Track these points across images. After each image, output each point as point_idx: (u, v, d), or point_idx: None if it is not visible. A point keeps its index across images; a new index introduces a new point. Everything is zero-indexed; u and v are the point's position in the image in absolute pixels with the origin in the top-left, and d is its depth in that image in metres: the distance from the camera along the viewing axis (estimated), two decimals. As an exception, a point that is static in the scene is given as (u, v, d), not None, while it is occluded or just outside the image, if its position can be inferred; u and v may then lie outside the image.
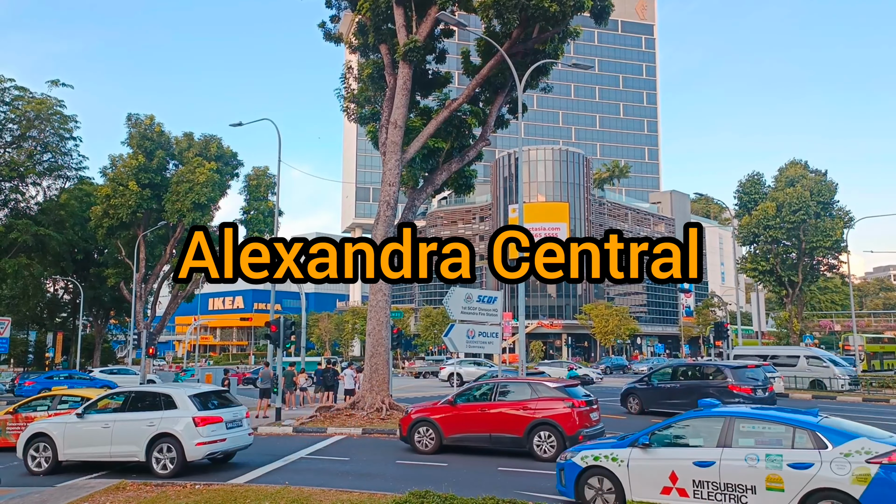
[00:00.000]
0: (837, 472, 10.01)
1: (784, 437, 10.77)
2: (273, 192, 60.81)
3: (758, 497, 10.49)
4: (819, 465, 10.16)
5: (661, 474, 11.46)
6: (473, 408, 19.24)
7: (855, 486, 9.80)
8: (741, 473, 10.70)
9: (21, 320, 67.38)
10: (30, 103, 53.85)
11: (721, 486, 10.84)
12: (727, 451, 11.01)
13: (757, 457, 10.68)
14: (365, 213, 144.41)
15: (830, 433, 10.52)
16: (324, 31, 32.02)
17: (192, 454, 16.22)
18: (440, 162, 31.05)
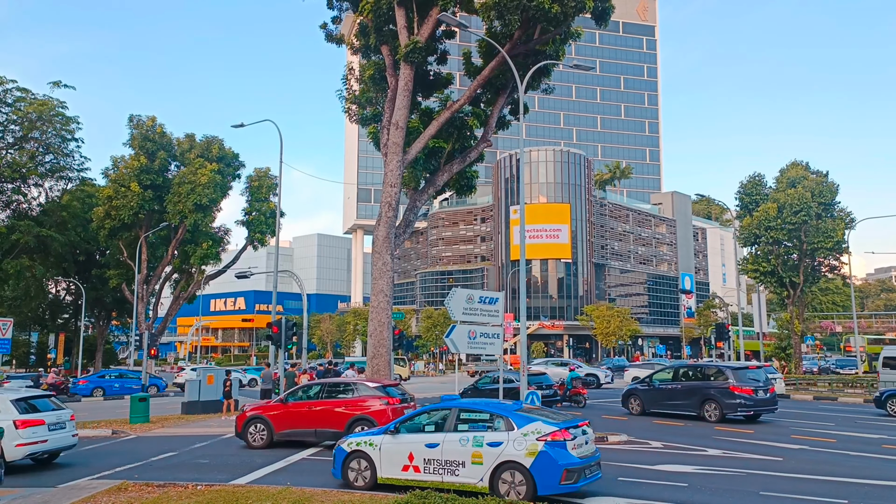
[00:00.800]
0: (517, 448, 12.86)
1: (488, 422, 13.66)
2: (275, 193, 60.95)
3: (466, 469, 13.25)
4: (507, 443, 12.98)
5: (402, 455, 14.06)
6: (302, 406, 20.75)
7: (527, 458, 12.69)
8: (457, 452, 13.41)
9: (23, 321, 67.46)
10: (32, 105, 53.85)
11: (443, 462, 13.52)
12: (449, 434, 13.75)
13: (468, 439, 13.43)
14: (367, 215, 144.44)
15: (518, 418, 13.32)
16: (325, 33, 32.06)
17: (11, 455, 17.18)
18: (442, 163, 31.07)
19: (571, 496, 13.30)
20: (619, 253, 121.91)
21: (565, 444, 12.77)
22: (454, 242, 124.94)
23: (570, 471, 12.56)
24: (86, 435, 25.18)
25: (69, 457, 20.28)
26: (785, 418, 27.41)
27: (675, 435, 22.45)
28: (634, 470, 16.27)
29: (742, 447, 19.73)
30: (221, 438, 23.67)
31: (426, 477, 13.61)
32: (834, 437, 22.02)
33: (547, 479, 12.52)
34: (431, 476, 13.57)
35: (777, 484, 14.61)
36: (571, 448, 12.84)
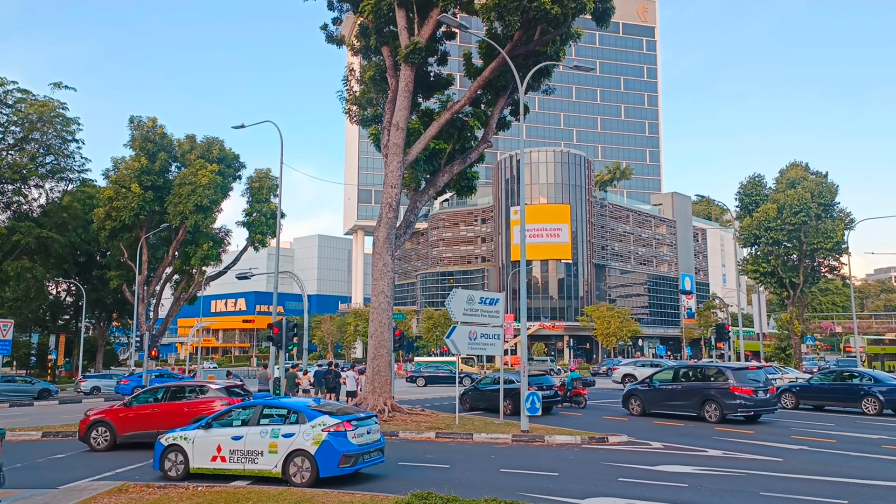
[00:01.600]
0: (305, 438, 14.91)
1: (285, 417, 15.60)
2: (275, 194, 60.96)
3: (264, 457, 15.14)
4: (298, 434, 14.98)
5: (211, 447, 15.62)
6: (147, 408, 21.21)
7: (313, 447, 14.77)
8: (257, 443, 15.27)
9: (23, 323, 67.40)
10: (32, 106, 53.86)
11: (246, 452, 15.32)
12: (252, 428, 15.55)
13: (267, 431, 15.31)
14: (367, 216, 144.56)
15: (309, 413, 15.35)
16: (326, 34, 32.13)
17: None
18: (442, 164, 31.09)
19: (363, 480, 15.31)
20: (620, 254, 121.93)
21: (346, 434, 15.01)
22: (455, 243, 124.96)
23: (347, 456, 14.83)
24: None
25: (69, 457, 20.29)
26: (785, 419, 27.43)
27: (675, 435, 22.46)
28: (634, 470, 16.28)
29: (742, 448, 19.74)
30: (222, 439, 23.65)
31: (231, 466, 15.47)
32: (834, 437, 22.03)
33: (328, 464, 14.76)
34: (235, 465, 15.43)
35: (777, 484, 14.62)
36: (352, 437, 15.11)
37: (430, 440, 22.51)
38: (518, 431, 22.32)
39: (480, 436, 22.20)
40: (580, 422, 26.62)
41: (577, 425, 24.86)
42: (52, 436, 25.25)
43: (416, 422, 25.47)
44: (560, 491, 13.88)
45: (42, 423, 28.72)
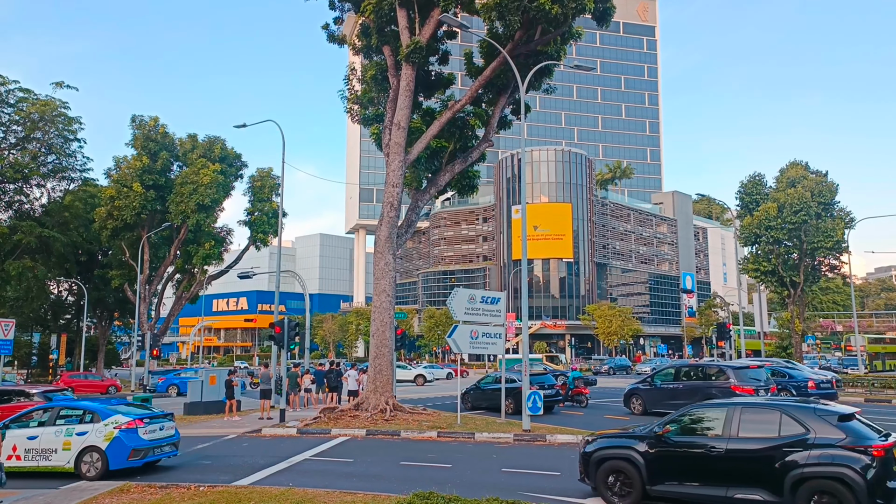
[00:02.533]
0: (98, 435, 16.60)
1: (81, 417, 17.09)
2: (277, 193, 60.94)
3: (58, 454, 16.69)
4: (91, 432, 16.59)
5: (7, 447, 16.84)
6: None
7: (104, 443, 16.48)
8: (52, 441, 16.80)
9: (25, 322, 67.33)
10: (34, 105, 53.86)
11: (40, 450, 16.82)
12: (48, 428, 17.08)
13: (62, 430, 16.85)
14: (369, 215, 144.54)
15: (103, 412, 16.96)
16: (327, 33, 32.16)
17: None
18: (443, 163, 31.10)
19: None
20: (621, 252, 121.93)
21: (136, 430, 16.74)
22: (456, 242, 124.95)
23: (137, 450, 16.66)
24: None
25: None
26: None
27: (676, 435, 22.43)
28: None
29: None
30: (224, 439, 23.73)
31: (26, 463, 16.95)
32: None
33: (117, 458, 16.50)
34: (30, 462, 16.93)
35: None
36: (143, 434, 16.82)
37: (431, 440, 22.53)
38: (520, 431, 22.34)
39: (482, 435, 22.22)
40: (582, 421, 26.64)
41: (579, 424, 24.88)
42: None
43: (417, 421, 25.49)
44: (562, 490, 13.90)
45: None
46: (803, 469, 10.90)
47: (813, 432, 11.12)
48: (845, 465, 10.58)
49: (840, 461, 10.67)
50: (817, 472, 10.78)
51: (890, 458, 10.69)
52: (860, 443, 10.76)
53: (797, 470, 10.95)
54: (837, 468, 10.63)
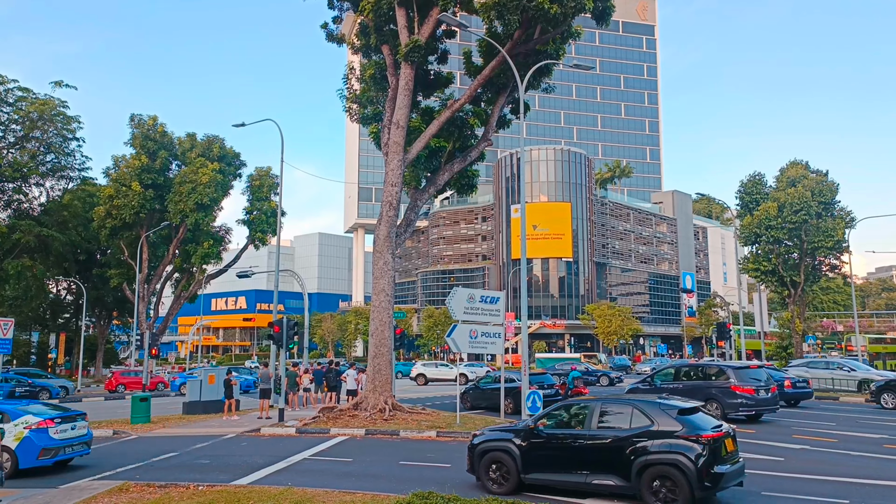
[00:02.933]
0: (9, 435, 16.53)
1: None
2: (276, 192, 60.92)
3: None
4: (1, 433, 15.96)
5: None
6: None
7: (14, 442, 16.66)
8: None
9: (24, 321, 67.38)
10: (33, 104, 53.91)
11: None
12: None
13: None
14: (368, 214, 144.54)
15: (14, 413, 17.22)
16: (326, 33, 32.12)
17: None
18: (442, 162, 31.06)
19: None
20: (620, 252, 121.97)
21: (47, 430, 17.09)
22: (455, 241, 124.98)
23: (47, 449, 16.98)
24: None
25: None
26: (786, 418, 27.38)
27: (676, 435, 22.40)
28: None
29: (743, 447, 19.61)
30: (223, 439, 23.69)
31: None
32: (835, 436, 21.98)
33: (27, 457, 16.83)
34: None
35: (779, 484, 14.62)
36: (53, 433, 17.18)
37: (430, 439, 22.50)
38: (519, 430, 22.26)
39: (481, 435, 22.18)
40: (581, 420, 26.54)
41: (578, 424, 24.79)
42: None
43: (416, 421, 25.45)
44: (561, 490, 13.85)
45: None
46: (647, 456, 12.33)
47: (656, 424, 12.57)
48: (680, 453, 12.05)
49: (676, 449, 12.14)
50: (657, 458, 12.21)
51: (718, 446, 12.25)
52: (693, 433, 12.24)
53: (642, 457, 12.37)
54: (673, 455, 12.09)
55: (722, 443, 12.40)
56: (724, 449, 12.49)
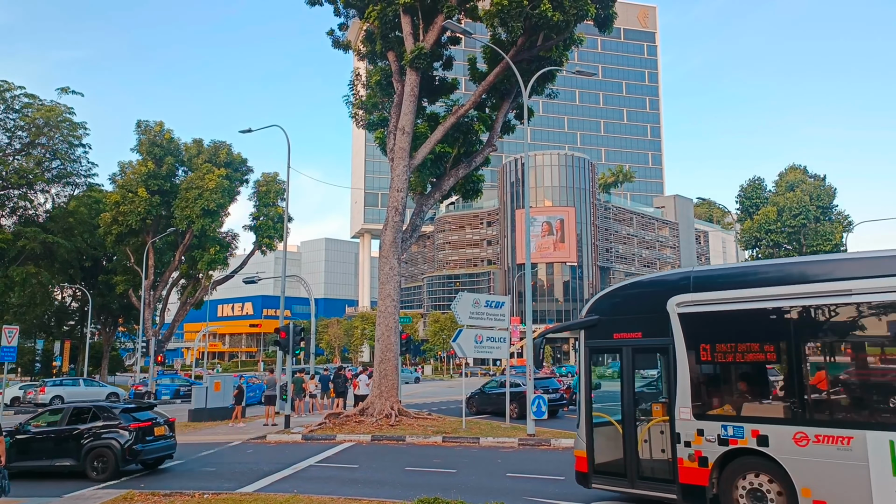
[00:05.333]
0: None
1: None
2: (282, 198, 60.88)
3: None
4: None
5: None
6: None
7: None
8: None
9: (28, 328, 67.33)
10: (39, 111, 54.06)
11: None
12: None
13: None
14: (374, 219, 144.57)
15: None
16: (332, 39, 32.28)
17: None
18: (448, 167, 31.14)
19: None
20: (624, 256, 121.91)
21: None
22: (460, 246, 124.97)
23: None
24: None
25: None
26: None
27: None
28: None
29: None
30: (228, 446, 23.73)
31: None
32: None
33: None
34: None
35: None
36: None
37: (436, 444, 22.53)
38: (524, 435, 22.32)
39: (487, 440, 22.22)
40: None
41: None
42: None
43: (422, 426, 25.48)
44: (566, 495, 13.88)
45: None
46: (93, 442, 17.93)
47: (102, 420, 18.15)
48: (113, 439, 17.82)
49: (112, 436, 17.88)
50: (98, 444, 17.88)
51: (140, 433, 18.06)
52: (127, 423, 18.04)
53: (88, 442, 17.96)
54: (108, 440, 17.87)
55: (151, 430, 18.39)
56: (153, 433, 18.51)
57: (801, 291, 10.71)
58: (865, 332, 10.50)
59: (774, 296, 10.96)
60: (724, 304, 11.48)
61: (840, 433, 10.00)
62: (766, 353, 11.32)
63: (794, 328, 10.83)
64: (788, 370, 10.93)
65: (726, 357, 11.56)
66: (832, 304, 10.45)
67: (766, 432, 10.74)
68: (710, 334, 11.64)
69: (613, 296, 13.59)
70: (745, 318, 11.29)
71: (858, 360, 10.69)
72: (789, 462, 10.42)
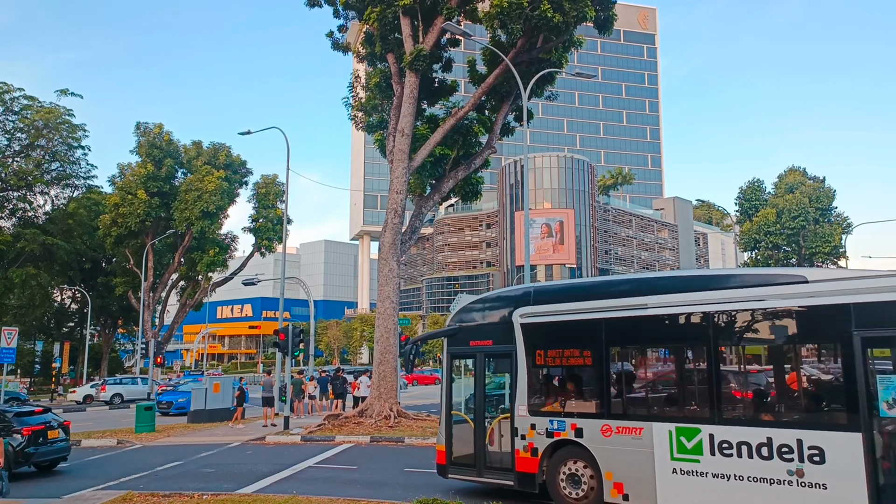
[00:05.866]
0: None
1: None
2: (282, 200, 60.83)
3: None
4: None
5: None
6: None
7: None
8: None
9: (28, 330, 67.35)
10: (38, 112, 54.05)
11: None
12: None
13: None
14: (373, 221, 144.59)
15: None
16: (332, 41, 32.27)
17: None
18: (447, 169, 31.12)
19: None
20: (623, 258, 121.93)
21: None
22: (460, 248, 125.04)
23: None
24: (91, 445, 25.30)
25: (74, 467, 20.37)
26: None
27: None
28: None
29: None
30: (227, 447, 23.73)
31: None
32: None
33: None
34: None
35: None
36: None
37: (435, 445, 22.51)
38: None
39: (486, 442, 22.21)
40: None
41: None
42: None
43: (421, 427, 25.48)
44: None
45: None
46: None
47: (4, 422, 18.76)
48: (9, 442, 17.28)
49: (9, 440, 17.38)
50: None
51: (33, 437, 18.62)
52: (20, 427, 18.62)
53: None
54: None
55: (45, 433, 18.90)
56: (47, 437, 19.14)
57: (610, 305, 12.58)
58: (658, 339, 12.59)
59: (590, 308, 12.83)
60: (554, 316, 13.28)
61: (634, 425, 11.85)
62: (584, 358, 13.09)
63: (604, 336, 12.58)
64: (598, 372, 12.68)
65: (554, 361, 13.46)
66: (632, 316, 12.21)
67: (581, 425, 12.53)
68: (543, 341, 13.41)
69: (471, 308, 15.24)
70: (568, 328, 13.13)
71: (647, 364, 12.95)
72: (597, 450, 12.22)
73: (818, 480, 9.94)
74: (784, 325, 11.10)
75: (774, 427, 10.54)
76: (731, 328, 11.44)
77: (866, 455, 9.59)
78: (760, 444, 10.49)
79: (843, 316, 10.08)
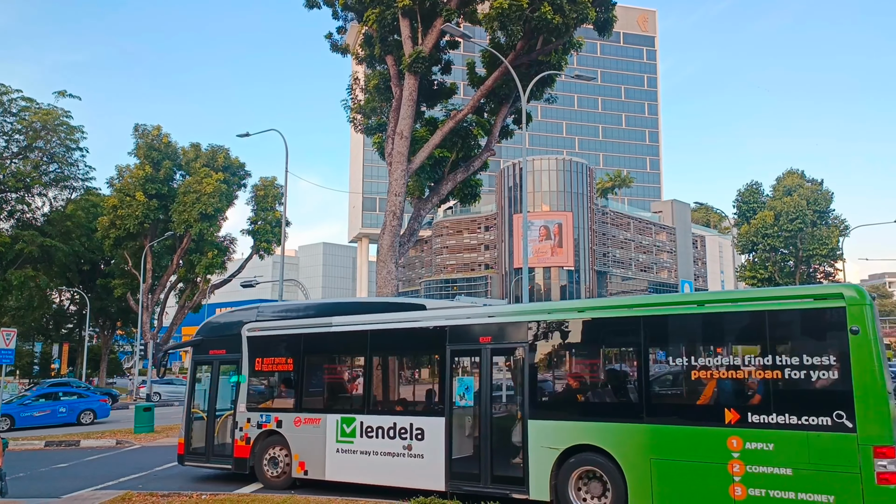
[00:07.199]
0: None
1: None
2: (280, 202, 60.88)
3: None
4: None
5: None
6: None
7: None
8: None
9: (27, 332, 67.37)
10: (36, 114, 54.02)
11: None
12: None
13: None
14: (371, 224, 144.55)
15: None
16: (330, 43, 32.25)
17: None
18: (446, 172, 31.11)
19: None
20: (621, 261, 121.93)
21: None
22: (458, 251, 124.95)
23: None
24: (90, 445, 25.30)
25: (73, 467, 20.36)
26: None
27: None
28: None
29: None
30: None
31: None
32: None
33: None
34: None
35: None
36: None
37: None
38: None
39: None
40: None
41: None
42: (54, 445, 25.37)
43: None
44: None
45: None
46: None
47: None
48: None
49: None
50: None
51: None
52: None
53: None
54: None
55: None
56: None
57: (307, 323, 16.32)
58: (335, 350, 16.46)
59: (294, 325, 16.50)
60: (270, 331, 16.73)
61: (315, 416, 15.48)
62: (287, 364, 16.40)
63: (301, 348, 16.14)
64: (297, 376, 16.15)
65: (269, 367, 16.66)
66: (319, 332, 15.96)
67: (281, 418, 15.97)
68: (261, 351, 16.69)
69: (213, 322, 18.95)
70: (278, 341, 16.61)
71: (327, 370, 16.58)
72: (290, 437, 15.68)
73: (420, 452, 13.85)
74: (409, 339, 15.05)
75: (398, 415, 14.46)
76: (378, 341, 15.15)
77: (446, 432, 13.52)
78: (389, 427, 14.34)
79: (441, 334, 14.02)
